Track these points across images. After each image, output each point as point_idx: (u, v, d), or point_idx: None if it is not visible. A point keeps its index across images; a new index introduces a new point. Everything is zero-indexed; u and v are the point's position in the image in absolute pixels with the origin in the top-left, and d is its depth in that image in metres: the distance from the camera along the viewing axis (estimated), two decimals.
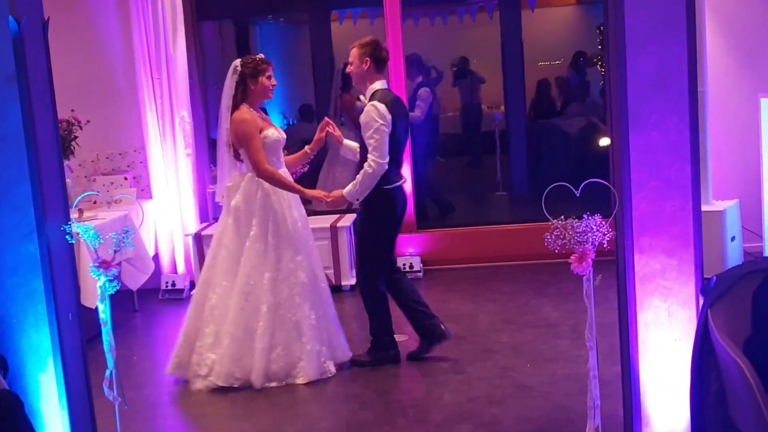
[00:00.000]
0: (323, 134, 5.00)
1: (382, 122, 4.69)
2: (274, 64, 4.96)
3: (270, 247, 4.77)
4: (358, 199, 4.84)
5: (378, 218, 4.91)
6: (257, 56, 4.92)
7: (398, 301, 5.02)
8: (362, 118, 4.79)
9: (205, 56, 7.70)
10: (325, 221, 6.79)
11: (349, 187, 4.81)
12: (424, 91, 8.24)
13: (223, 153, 4.91)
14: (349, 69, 4.95)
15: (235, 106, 4.82)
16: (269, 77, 4.88)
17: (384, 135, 4.71)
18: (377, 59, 4.86)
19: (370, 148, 4.73)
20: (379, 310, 4.97)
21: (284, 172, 4.90)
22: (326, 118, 5.10)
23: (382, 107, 4.72)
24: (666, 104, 3.20)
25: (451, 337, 5.00)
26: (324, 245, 6.61)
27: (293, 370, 4.73)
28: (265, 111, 5.13)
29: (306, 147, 5.07)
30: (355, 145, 5.04)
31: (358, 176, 4.78)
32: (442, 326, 4.96)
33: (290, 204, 4.86)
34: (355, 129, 7.98)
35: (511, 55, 9.60)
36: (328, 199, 4.85)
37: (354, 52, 4.90)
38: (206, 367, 4.74)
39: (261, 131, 4.79)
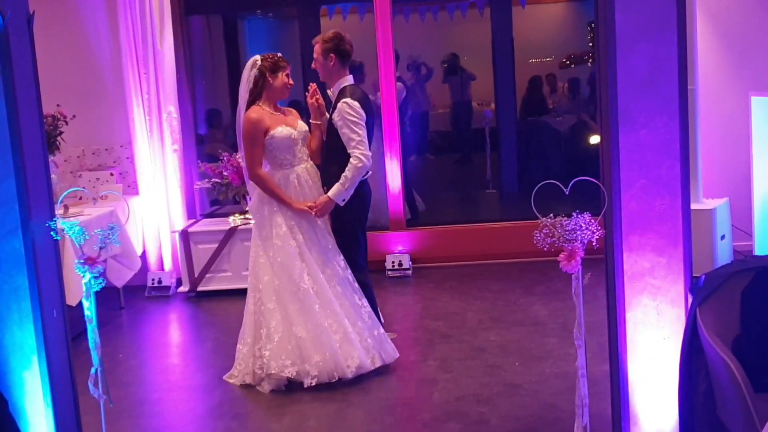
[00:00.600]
0: (314, 99, 4.94)
1: (358, 117, 4.71)
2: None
3: (302, 244, 4.74)
4: (344, 199, 4.77)
5: (357, 212, 4.90)
6: (276, 54, 4.87)
7: None
8: (337, 116, 4.75)
9: (193, 51, 7.67)
10: None
11: (337, 187, 4.73)
12: (396, 86, 8.22)
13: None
14: (313, 65, 4.92)
15: (252, 102, 4.77)
16: (287, 75, 4.83)
17: (364, 129, 4.73)
18: (342, 54, 4.84)
19: (353, 143, 4.70)
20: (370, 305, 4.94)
21: (304, 168, 4.83)
22: (312, 85, 5.00)
23: (355, 105, 4.72)
24: (656, 102, 3.19)
25: None
26: None
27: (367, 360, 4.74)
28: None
29: (310, 120, 5.00)
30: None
31: (345, 174, 4.71)
32: None
33: (301, 199, 4.81)
34: None
35: (501, 51, 9.59)
36: (315, 209, 4.74)
37: (317, 48, 4.87)
38: (265, 366, 4.67)
39: (267, 131, 4.71)
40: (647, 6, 3.16)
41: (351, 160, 4.71)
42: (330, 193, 4.75)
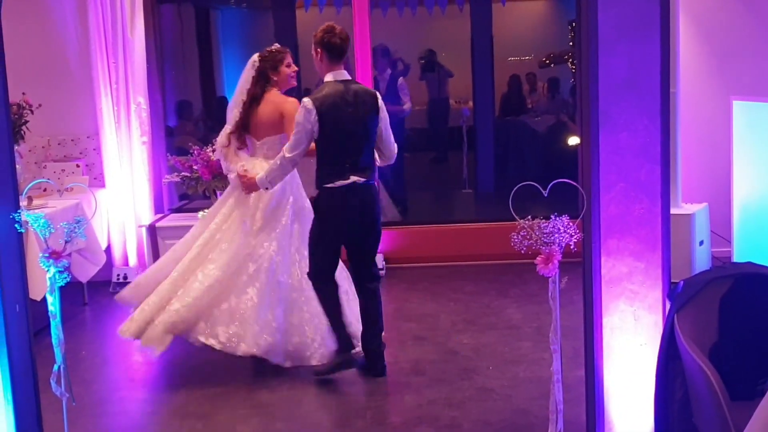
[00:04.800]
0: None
1: (300, 119, 4.50)
2: (290, 50, 5.02)
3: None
4: (266, 187, 4.73)
5: (319, 221, 4.71)
6: (272, 47, 4.97)
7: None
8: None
9: (164, 41, 7.55)
10: None
11: (262, 173, 4.71)
12: (402, 83, 8.21)
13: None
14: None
15: (254, 100, 4.86)
16: (288, 65, 4.94)
17: (301, 131, 4.49)
18: (327, 47, 4.58)
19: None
20: None
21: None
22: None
23: (307, 105, 4.49)
24: (637, 105, 3.20)
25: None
26: None
27: None
28: None
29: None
30: None
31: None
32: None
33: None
34: None
35: (480, 49, 9.56)
36: (243, 179, 4.80)
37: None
38: None
39: None
40: (630, 6, 3.16)
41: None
42: (258, 176, 4.71)
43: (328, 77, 4.59)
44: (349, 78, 4.66)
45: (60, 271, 3.24)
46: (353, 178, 4.53)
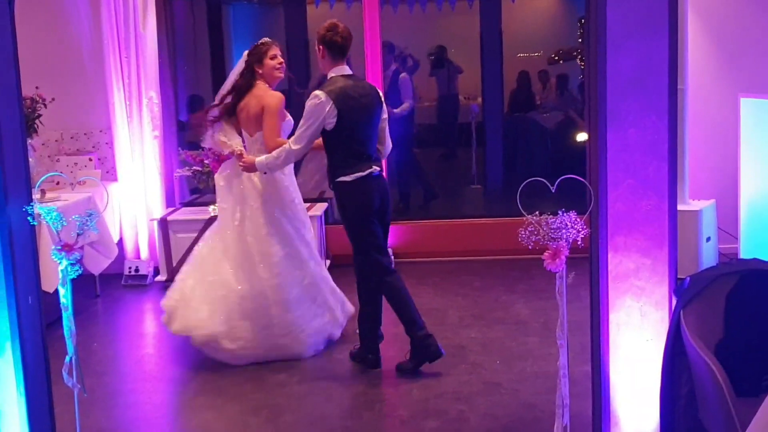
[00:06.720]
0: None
1: (309, 110, 4.54)
2: (278, 42, 5.07)
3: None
4: (265, 172, 4.84)
5: (350, 208, 4.76)
6: (260, 41, 5.02)
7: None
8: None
9: (176, 36, 7.55)
10: None
11: (264, 157, 4.75)
12: (405, 79, 8.23)
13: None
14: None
15: (238, 92, 4.94)
16: (273, 57, 4.96)
17: (311, 124, 4.54)
18: (329, 45, 4.66)
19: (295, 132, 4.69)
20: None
21: None
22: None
23: (319, 96, 4.54)
24: (645, 101, 3.18)
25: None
26: None
27: None
28: None
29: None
30: None
31: (275, 152, 4.72)
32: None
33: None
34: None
35: (489, 45, 9.55)
36: (241, 160, 4.88)
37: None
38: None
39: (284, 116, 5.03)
40: (639, 3, 3.15)
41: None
42: (258, 158, 4.77)
43: (333, 73, 4.67)
44: (352, 74, 4.76)
45: (72, 263, 3.25)
46: (371, 169, 4.66)
